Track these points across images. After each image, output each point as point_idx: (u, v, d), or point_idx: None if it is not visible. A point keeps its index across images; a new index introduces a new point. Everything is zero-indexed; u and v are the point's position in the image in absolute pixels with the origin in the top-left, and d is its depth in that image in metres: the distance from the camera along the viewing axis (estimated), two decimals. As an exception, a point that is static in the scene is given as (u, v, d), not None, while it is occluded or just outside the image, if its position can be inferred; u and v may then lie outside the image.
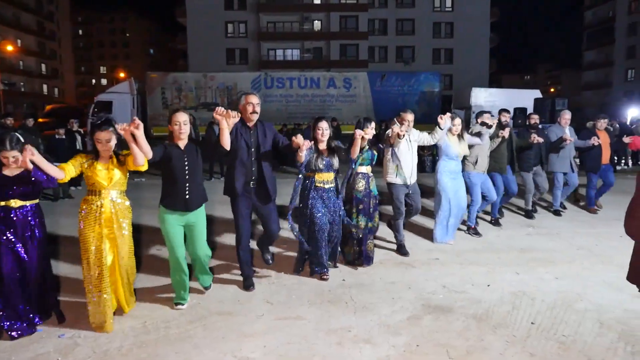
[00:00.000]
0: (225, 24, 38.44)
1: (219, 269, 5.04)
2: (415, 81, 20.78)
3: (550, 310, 4.02)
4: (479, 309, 4.04)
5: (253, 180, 4.27)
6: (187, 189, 3.85)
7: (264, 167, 4.30)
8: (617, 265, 5.23)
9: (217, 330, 3.65)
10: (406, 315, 3.90)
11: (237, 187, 4.23)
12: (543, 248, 5.88)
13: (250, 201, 4.32)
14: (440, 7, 39.15)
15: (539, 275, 4.90)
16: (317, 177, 4.56)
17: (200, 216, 4.02)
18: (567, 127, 7.49)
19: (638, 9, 44.64)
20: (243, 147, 4.22)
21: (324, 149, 4.62)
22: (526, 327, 3.69)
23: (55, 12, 55.99)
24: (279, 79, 20.41)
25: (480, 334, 3.58)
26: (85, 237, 3.56)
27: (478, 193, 6.28)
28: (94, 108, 19.98)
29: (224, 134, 3.85)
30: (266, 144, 4.30)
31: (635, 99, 40.24)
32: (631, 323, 3.78)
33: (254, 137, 4.25)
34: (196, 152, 3.94)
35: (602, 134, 7.56)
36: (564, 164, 7.45)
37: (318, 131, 4.59)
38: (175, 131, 3.87)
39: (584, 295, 4.35)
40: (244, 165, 4.24)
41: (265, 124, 4.38)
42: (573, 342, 3.46)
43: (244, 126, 4.24)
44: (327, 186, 4.60)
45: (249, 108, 4.19)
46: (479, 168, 6.27)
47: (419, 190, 5.64)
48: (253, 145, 4.25)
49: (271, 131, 4.38)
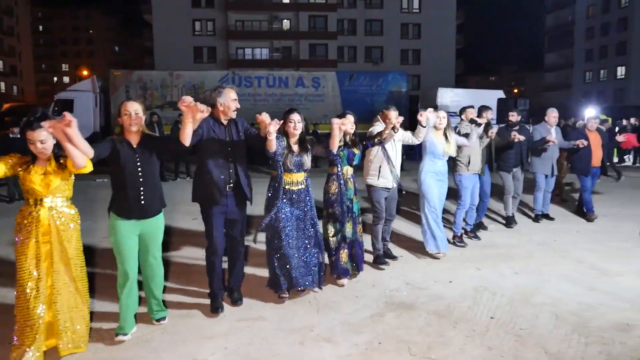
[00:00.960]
0: (193, 22, 37.87)
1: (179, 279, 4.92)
2: (383, 81, 20.94)
3: (509, 305, 4.11)
4: (440, 304, 4.09)
5: (230, 184, 3.81)
6: (142, 192, 3.36)
7: (240, 168, 3.88)
8: (574, 259, 5.42)
9: (176, 333, 3.56)
10: (369, 313, 3.91)
11: (215, 192, 3.75)
12: (504, 244, 6.02)
13: (225, 208, 3.84)
14: (408, 8, 39.69)
15: (500, 271, 5.01)
16: (285, 178, 4.07)
17: (157, 225, 3.52)
18: (554, 126, 7.05)
19: (595, 13, 46.42)
20: (217, 146, 3.77)
21: (296, 145, 4.12)
22: (485, 322, 3.76)
23: (14, 7, 53.85)
24: (247, 78, 20.21)
25: (441, 330, 3.62)
26: (19, 256, 3.03)
27: (467, 197, 5.87)
28: (54, 107, 19.26)
29: (185, 128, 3.33)
30: (241, 141, 3.90)
31: (593, 99, 41.88)
32: (585, 315, 3.89)
33: (229, 135, 3.82)
34: (151, 150, 3.41)
35: (593, 134, 7.10)
36: (546, 165, 7.04)
37: (290, 124, 4.07)
38: (125, 122, 3.32)
39: (542, 289, 4.47)
40: (220, 167, 3.77)
41: (238, 120, 3.94)
42: (530, 335, 3.54)
43: (217, 124, 3.79)
44: (297, 187, 4.10)
45: (232, 105, 3.77)
46: (473, 168, 5.84)
47: (397, 196, 5.24)
48: (229, 144, 3.81)
49: (243, 126, 3.95)
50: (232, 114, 3.81)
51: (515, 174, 6.78)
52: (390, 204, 5.14)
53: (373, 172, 4.97)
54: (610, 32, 44.28)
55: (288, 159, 4.03)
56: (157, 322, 3.65)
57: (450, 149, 5.34)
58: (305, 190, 4.15)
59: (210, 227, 3.84)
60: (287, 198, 4.08)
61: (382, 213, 5.05)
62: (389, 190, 5.03)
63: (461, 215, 5.94)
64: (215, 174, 3.74)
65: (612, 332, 3.60)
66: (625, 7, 42.85)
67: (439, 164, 5.31)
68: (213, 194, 3.76)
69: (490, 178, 6.47)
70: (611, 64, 44.48)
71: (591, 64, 47.04)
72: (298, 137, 4.15)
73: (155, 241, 3.52)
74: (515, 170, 6.76)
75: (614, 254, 5.59)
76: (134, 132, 3.36)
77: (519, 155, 6.72)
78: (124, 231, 3.35)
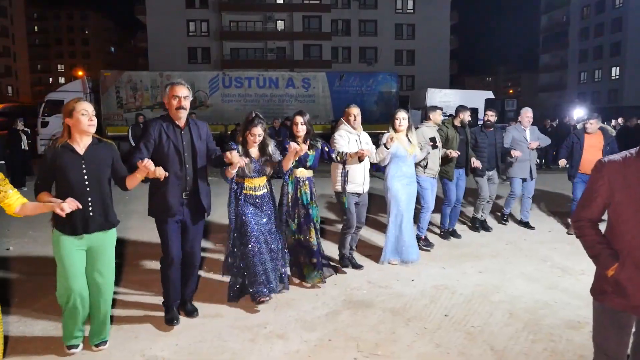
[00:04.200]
0: (187, 23, 37.93)
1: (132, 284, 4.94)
2: (373, 81, 21.00)
3: (466, 303, 4.16)
4: (397, 303, 4.14)
5: (187, 193, 3.56)
6: (90, 204, 3.04)
7: (200, 177, 3.60)
8: (540, 258, 5.47)
9: (131, 330, 3.60)
10: (325, 311, 3.96)
11: (171, 204, 3.49)
12: (473, 243, 6.07)
13: (181, 217, 3.60)
14: (402, 9, 39.80)
15: (463, 270, 5.06)
16: (246, 183, 3.96)
17: (107, 241, 3.18)
18: (528, 127, 6.66)
19: (590, 14, 46.58)
20: (173, 153, 3.47)
21: (254, 150, 4.01)
22: (439, 319, 3.81)
23: (9, 7, 53.77)
24: (237, 79, 20.24)
25: (393, 327, 3.67)
26: None
27: (429, 199, 5.67)
28: (44, 107, 19.32)
29: (134, 179, 3.14)
30: (201, 148, 3.60)
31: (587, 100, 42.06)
32: (539, 312, 3.95)
33: (186, 140, 3.52)
34: (101, 157, 3.09)
35: (594, 137, 6.31)
36: (524, 168, 6.63)
37: (250, 138, 3.94)
38: (80, 124, 2.98)
39: (501, 288, 4.52)
40: (176, 176, 3.49)
41: (199, 124, 3.67)
42: (480, 332, 3.59)
43: (171, 126, 3.48)
44: (259, 192, 3.99)
45: (174, 102, 3.42)
46: (430, 172, 5.65)
47: (367, 202, 5.08)
48: (186, 149, 3.52)
49: (205, 134, 3.67)
50: (175, 113, 3.44)
51: (491, 177, 6.49)
52: (360, 211, 4.96)
53: (340, 178, 4.76)
54: (605, 33, 44.43)
55: (247, 166, 3.88)
56: (95, 347, 3.27)
57: (415, 150, 5.13)
58: (268, 194, 4.07)
59: (166, 239, 3.58)
60: (250, 203, 3.97)
61: (352, 221, 4.84)
62: (359, 195, 4.89)
63: (425, 217, 5.73)
64: (170, 182, 3.44)
65: (561, 329, 3.65)
66: (620, 7, 43.02)
67: (405, 167, 5.05)
68: (168, 204, 3.50)
69: (464, 183, 6.25)
70: (606, 64, 44.64)
71: (586, 64, 47.21)
72: (258, 147, 4.05)
73: (102, 257, 3.16)
74: (491, 174, 6.48)
75: (580, 253, 5.55)
76: (87, 134, 3.05)
77: (493, 158, 6.41)
78: (68, 245, 3.04)
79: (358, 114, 4.74)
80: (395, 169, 5.03)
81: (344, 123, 4.84)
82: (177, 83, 3.50)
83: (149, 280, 4.53)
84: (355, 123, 4.80)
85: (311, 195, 4.42)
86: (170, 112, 3.49)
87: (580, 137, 6.38)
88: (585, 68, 47.47)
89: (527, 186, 6.77)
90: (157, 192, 3.54)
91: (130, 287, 4.47)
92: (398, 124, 4.97)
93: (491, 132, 6.39)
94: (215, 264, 5.08)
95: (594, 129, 6.31)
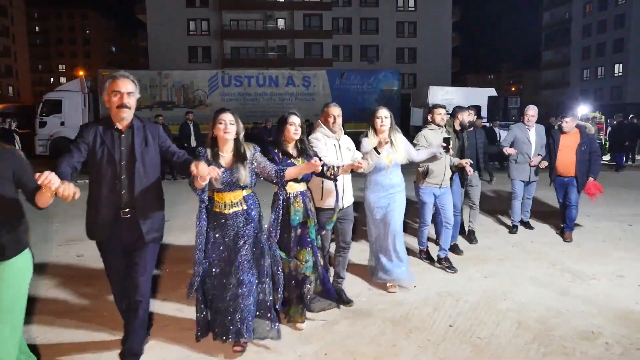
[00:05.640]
0: (187, 22, 37.74)
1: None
2: (374, 79, 20.76)
3: (472, 311, 3.92)
4: (399, 311, 3.90)
5: (126, 210, 2.88)
6: None
7: (143, 189, 2.90)
8: (549, 261, 5.23)
9: (114, 343, 3.36)
10: (322, 321, 3.71)
11: (104, 224, 2.86)
12: (478, 246, 5.82)
13: (120, 240, 2.94)
14: (403, 6, 39.49)
15: (469, 274, 4.81)
16: (215, 198, 3.15)
17: (13, 274, 2.43)
18: (532, 126, 6.21)
19: (592, 11, 46.21)
20: (106, 161, 2.83)
21: (228, 155, 3.16)
22: (443, 330, 3.56)
23: (9, 7, 53.67)
24: (236, 77, 20.03)
25: (394, 339, 3.43)
26: None
27: (426, 213, 5.01)
28: (42, 107, 19.18)
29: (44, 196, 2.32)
30: (148, 154, 2.93)
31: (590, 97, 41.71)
32: (550, 322, 3.70)
33: (125, 145, 2.87)
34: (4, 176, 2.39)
35: (570, 136, 5.86)
36: (523, 170, 6.19)
37: (219, 125, 3.13)
38: None
39: (509, 294, 4.28)
40: (110, 188, 2.84)
41: (148, 126, 3.00)
42: (487, 345, 3.35)
43: (109, 129, 2.86)
44: (230, 210, 3.13)
45: (114, 99, 2.80)
46: (432, 180, 4.84)
47: (352, 218, 4.17)
48: (124, 156, 2.86)
49: (156, 136, 2.99)
50: (117, 112, 2.82)
51: (470, 181, 5.80)
52: (344, 228, 4.08)
53: (315, 190, 3.89)
54: (608, 30, 44.07)
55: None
56: None
57: (398, 156, 4.24)
58: (245, 212, 3.17)
59: (107, 269, 3.03)
60: (217, 224, 3.15)
61: (326, 241, 4.00)
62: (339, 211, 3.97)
63: (424, 232, 5.17)
64: (102, 196, 2.84)
65: (574, 340, 3.40)
66: (622, 4, 42.66)
67: (387, 175, 4.20)
68: (99, 224, 2.88)
69: (460, 189, 5.58)
70: (608, 61, 44.30)
71: (588, 61, 46.87)
72: (232, 145, 3.18)
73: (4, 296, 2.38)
74: (470, 177, 5.70)
75: (590, 256, 5.39)
76: None
77: (474, 160, 5.64)
78: None
79: (339, 115, 3.90)
80: (371, 180, 4.26)
81: (321, 125, 3.96)
82: (119, 76, 2.87)
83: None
84: (335, 126, 3.90)
85: (306, 212, 3.58)
86: (111, 111, 2.86)
87: (556, 137, 5.93)
88: (588, 65, 47.13)
89: (527, 187, 6.39)
90: (90, 208, 2.92)
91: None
92: (380, 124, 4.15)
93: (471, 132, 5.81)
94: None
95: (570, 128, 5.85)
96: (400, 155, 4.25)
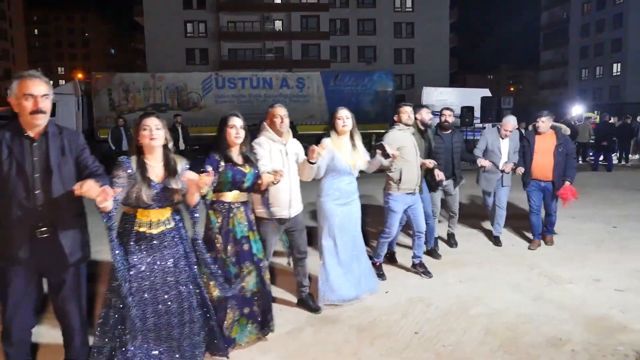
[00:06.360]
0: (185, 23, 37.76)
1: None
2: (369, 80, 20.68)
3: (441, 318, 3.85)
4: (366, 318, 3.83)
5: (42, 230, 2.51)
6: None
7: (62, 205, 2.53)
8: (528, 265, 5.16)
9: None
10: (287, 329, 3.65)
11: (15, 247, 2.49)
12: (458, 250, 5.75)
13: (34, 265, 2.54)
14: (400, 7, 39.48)
15: (444, 279, 4.75)
16: (139, 217, 2.74)
17: None
18: (506, 139, 5.72)
19: (591, 10, 46.11)
20: (15, 173, 2.45)
21: (158, 165, 2.76)
22: (408, 337, 3.50)
23: (7, 10, 53.81)
24: (230, 79, 19.96)
25: (357, 347, 3.36)
26: None
27: (393, 223, 4.60)
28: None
29: None
30: (66, 165, 2.56)
31: (588, 97, 41.63)
32: (519, 329, 3.64)
33: (38, 155, 2.50)
34: None
35: (545, 138, 5.53)
36: (490, 180, 5.84)
37: (143, 132, 2.71)
38: None
39: (483, 299, 4.21)
40: (20, 207, 2.47)
41: (66, 132, 2.62)
42: (451, 353, 3.28)
43: (18, 137, 2.49)
44: (157, 229, 2.75)
45: (26, 104, 2.43)
46: (405, 186, 4.47)
47: (303, 226, 3.89)
48: (37, 168, 2.49)
49: (76, 145, 2.61)
50: (30, 119, 2.45)
51: (447, 188, 5.49)
52: (296, 239, 3.82)
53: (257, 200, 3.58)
54: (606, 29, 43.97)
55: (142, 188, 2.66)
56: None
57: (360, 161, 4.00)
58: (174, 231, 2.82)
59: (5, 298, 2.54)
60: (142, 246, 2.72)
61: (268, 254, 3.69)
62: (284, 221, 3.70)
63: (384, 245, 4.73)
64: (12, 214, 2.46)
65: (541, 347, 3.34)
66: (620, 3, 42.55)
67: (345, 182, 3.94)
68: (9, 246, 2.49)
69: (429, 195, 5.23)
70: (607, 61, 44.17)
71: (587, 61, 46.75)
72: (161, 154, 2.79)
73: None
74: (446, 184, 5.41)
75: (570, 259, 5.32)
76: None
77: (450, 166, 5.36)
78: None
79: (285, 115, 3.59)
80: (331, 183, 3.94)
81: (266, 128, 3.63)
82: (28, 76, 2.45)
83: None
84: (283, 126, 3.60)
85: (249, 225, 3.29)
86: (22, 117, 2.47)
87: (531, 139, 5.59)
88: (586, 65, 47.02)
89: (497, 195, 5.86)
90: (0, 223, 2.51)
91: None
92: (342, 125, 3.88)
93: (448, 134, 5.39)
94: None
95: (545, 128, 5.50)
96: (362, 159, 4.03)
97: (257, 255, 3.31)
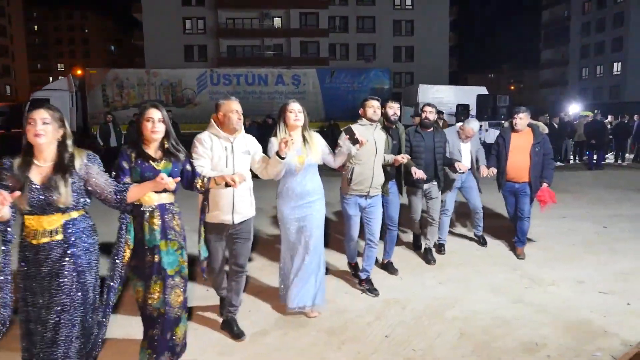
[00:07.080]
0: (183, 20, 37.59)
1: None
2: (365, 78, 20.58)
3: (415, 320, 3.71)
4: (338, 320, 3.69)
5: None
6: None
7: None
8: (511, 266, 5.03)
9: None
10: (253, 331, 3.51)
11: None
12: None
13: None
14: (400, 5, 39.27)
15: (423, 280, 4.61)
16: (26, 223, 2.35)
17: None
18: (467, 142, 5.45)
19: (591, 9, 45.83)
20: None
21: (45, 174, 2.33)
22: (378, 341, 3.36)
23: (7, 7, 53.62)
24: (225, 76, 19.87)
25: (323, 351, 3.23)
26: None
27: (351, 227, 4.20)
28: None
29: None
30: None
31: (589, 96, 41.42)
32: (494, 332, 3.50)
33: None
34: None
35: (522, 136, 5.11)
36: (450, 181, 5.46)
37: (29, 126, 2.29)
38: None
39: (460, 302, 4.07)
40: None
41: None
42: (421, 357, 3.15)
43: None
44: (44, 239, 2.33)
45: None
46: (357, 187, 4.06)
47: (250, 236, 3.45)
48: None
49: None
50: None
51: (428, 191, 5.09)
52: (236, 249, 3.39)
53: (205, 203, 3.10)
54: (606, 28, 43.70)
55: (26, 192, 2.26)
56: None
57: (313, 156, 3.63)
58: (61, 243, 2.35)
59: None
60: (28, 259, 2.35)
61: (215, 264, 3.45)
62: (229, 227, 3.33)
63: (350, 247, 4.42)
64: None
65: (515, 353, 3.20)
66: (621, 2, 42.26)
67: (300, 181, 3.59)
68: None
69: (398, 199, 4.74)
70: (607, 60, 43.91)
71: (587, 60, 46.48)
72: (53, 152, 2.37)
73: None
74: (428, 187, 5.04)
75: (555, 260, 5.18)
76: None
77: (432, 166, 4.93)
78: None
79: (239, 110, 3.24)
80: (282, 185, 3.63)
81: (212, 124, 3.28)
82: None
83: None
84: (238, 123, 3.24)
85: (164, 232, 2.74)
86: None
87: (507, 137, 5.17)
88: (586, 64, 46.74)
89: (467, 198, 5.60)
90: None
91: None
92: (294, 118, 3.53)
93: (429, 133, 4.97)
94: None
95: (523, 126, 5.09)
96: (316, 155, 3.64)
97: (167, 270, 2.74)
